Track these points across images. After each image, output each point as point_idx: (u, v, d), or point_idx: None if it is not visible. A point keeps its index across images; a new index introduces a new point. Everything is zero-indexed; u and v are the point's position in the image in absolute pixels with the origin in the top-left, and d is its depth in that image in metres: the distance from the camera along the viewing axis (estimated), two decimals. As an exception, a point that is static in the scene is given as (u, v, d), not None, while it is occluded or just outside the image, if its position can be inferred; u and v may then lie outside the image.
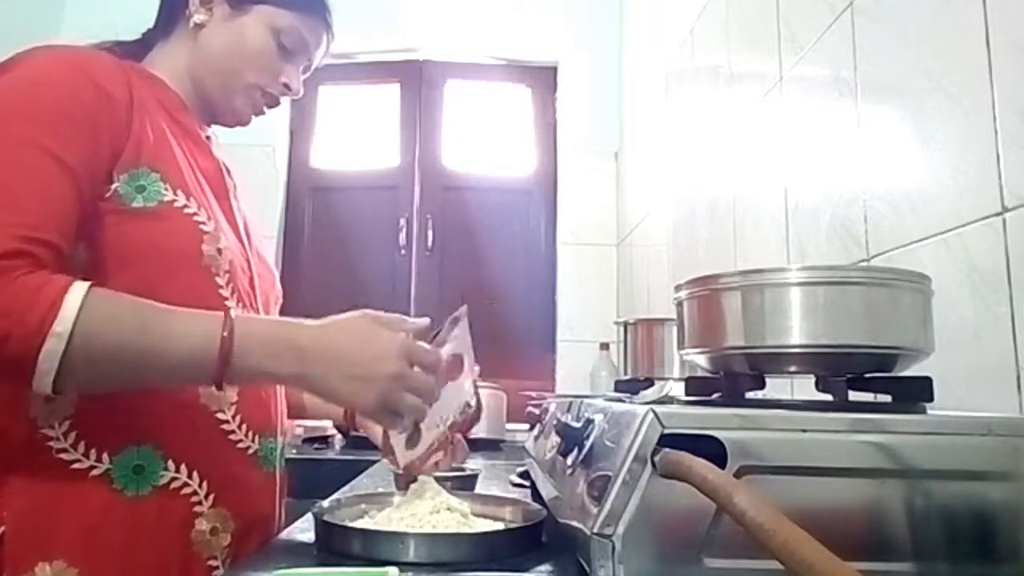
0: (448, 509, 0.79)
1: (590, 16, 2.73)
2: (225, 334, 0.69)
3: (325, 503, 0.84)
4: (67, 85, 0.74)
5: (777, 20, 1.28)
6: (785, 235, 1.22)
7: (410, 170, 2.76)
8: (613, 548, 0.49)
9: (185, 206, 0.79)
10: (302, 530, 0.82)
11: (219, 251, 0.81)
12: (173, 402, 0.78)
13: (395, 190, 2.75)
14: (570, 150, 2.69)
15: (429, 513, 0.78)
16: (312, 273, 2.65)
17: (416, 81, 2.81)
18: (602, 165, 2.65)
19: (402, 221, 2.70)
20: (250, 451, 0.85)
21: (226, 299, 0.82)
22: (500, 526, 0.80)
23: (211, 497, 0.79)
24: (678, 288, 0.72)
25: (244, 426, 0.84)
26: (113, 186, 0.75)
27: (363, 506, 0.86)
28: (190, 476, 0.78)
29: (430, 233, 2.70)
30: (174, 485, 0.77)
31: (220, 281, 0.81)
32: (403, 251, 2.69)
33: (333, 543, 0.73)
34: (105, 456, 0.74)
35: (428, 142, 2.78)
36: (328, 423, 2.13)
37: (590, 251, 2.60)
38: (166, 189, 0.78)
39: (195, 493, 0.78)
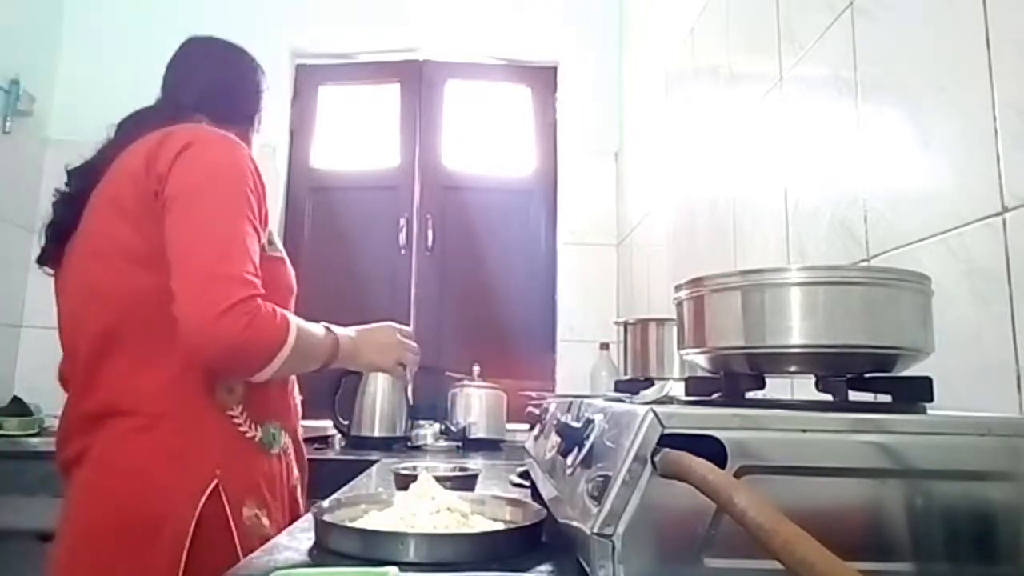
0: (448, 509, 0.79)
1: (590, 16, 2.73)
2: (331, 341, 1.15)
3: (325, 503, 0.84)
4: (250, 174, 1.06)
5: (777, 20, 1.28)
6: (785, 235, 1.22)
7: (410, 170, 2.76)
8: (613, 548, 0.49)
9: (284, 258, 1.18)
10: (302, 530, 0.82)
11: (295, 283, 1.19)
12: (283, 398, 1.17)
13: (395, 190, 2.75)
14: (570, 150, 2.69)
15: (429, 513, 0.78)
16: (312, 273, 2.64)
17: (416, 81, 2.81)
18: (602, 165, 2.65)
19: (402, 221, 2.70)
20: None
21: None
22: (500, 526, 0.80)
23: (293, 461, 1.18)
24: (678, 288, 0.72)
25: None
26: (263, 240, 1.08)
27: (363, 506, 0.86)
28: (288, 442, 1.15)
29: (430, 233, 2.70)
30: (286, 449, 1.14)
31: (291, 301, 1.16)
32: (403, 251, 2.69)
33: (333, 543, 0.73)
34: (255, 427, 1.08)
35: (428, 142, 2.78)
36: (328, 423, 2.14)
37: (590, 251, 2.60)
38: (279, 246, 1.17)
39: (291, 455, 1.16)
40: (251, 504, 1.02)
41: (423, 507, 0.79)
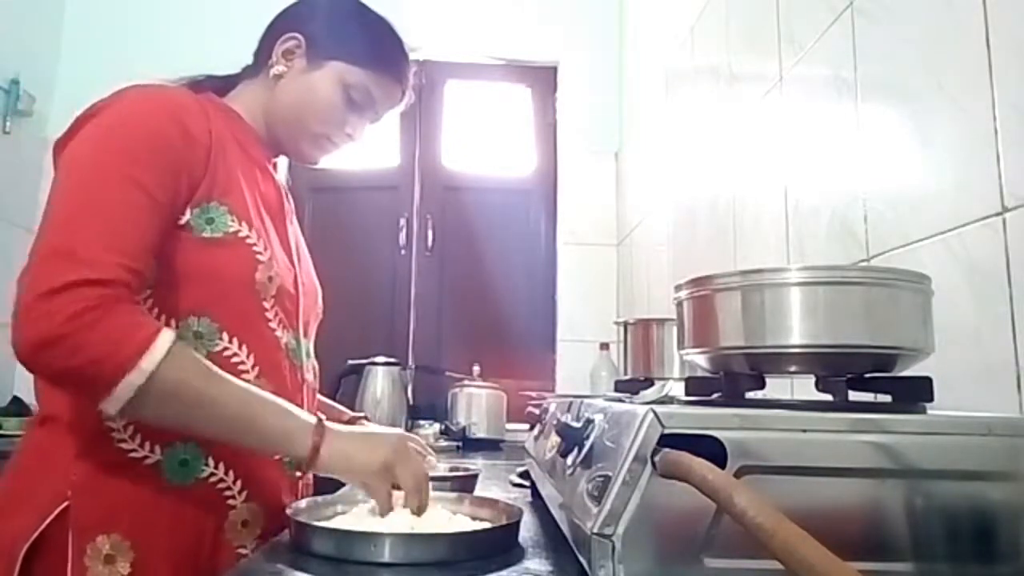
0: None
1: (590, 16, 2.73)
2: (314, 441, 0.80)
3: (302, 503, 0.83)
4: (158, 127, 0.83)
5: (777, 20, 1.28)
6: (785, 235, 1.22)
7: (410, 170, 2.76)
8: (613, 548, 0.49)
9: (247, 236, 0.89)
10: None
11: (270, 279, 0.91)
12: None
13: (395, 190, 2.75)
14: (570, 150, 2.69)
15: (410, 512, 0.78)
16: (312, 273, 2.65)
17: (416, 81, 2.80)
18: (602, 165, 2.65)
19: (402, 221, 2.71)
20: (276, 456, 0.91)
21: (269, 320, 0.92)
22: (480, 525, 0.80)
23: (243, 493, 0.87)
24: (678, 288, 0.72)
25: None
26: (187, 218, 0.85)
27: (339, 507, 0.85)
28: (226, 473, 0.86)
29: (430, 233, 2.70)
30: (212, 480, 0.85)
31: (266, 304, 0.91)
32: (403, 251, 2.69)
33: (307, 543, 0.72)
34: (157, 448, 0.83)
35: (428, 142, 2.78)
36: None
37: (590, 251, 2.60)
38: (232, 221, 0.88)
39: (229, 488, 0.87)
40: (104, 541, 0.78)
41: (403, 507, 0.79)
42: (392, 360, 2.27)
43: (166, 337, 0.74)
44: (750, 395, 0.69)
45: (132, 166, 0.79)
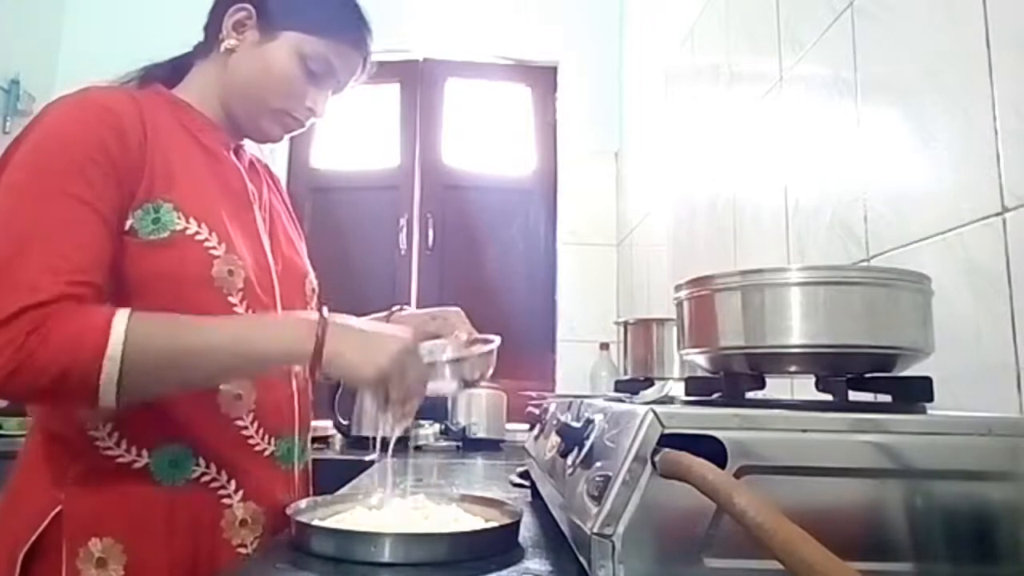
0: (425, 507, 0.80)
1: (590, 16, 2.73)
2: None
3: (303, 503, 0.83)
4: (92, 136, 0.81)
5: (777, 20, 1.28)
6: (785, 235, 1.22)
7: (410, 170, 2.76)
8: (613, 548, 0.49)
9: (196, 233, 0.85)
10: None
11: (230, 272, 0.87)
12: (199, 409, 0.86)
13: (395, 190, 2.75)
14: (570, 150, 2.69)
15: (412, 510, 0.78)
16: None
17: (416, 81, 2.81)
18: (602, 165, 2.65)
19: (402, 221, 2.70)
20: (266, 453, 0.90)
21: (240, 315, 0.88)
22: (479, 524, 0.80)
23: (240, 492, 0.87)
24: (678, 288, 0.72)
25: (261, 430, 0.90)
26: (129, 223, 0.82)
27: (339, 506, 0.85)
28: (218, 473, 0.86)
29: (430, 233, 2.70)
30: (204, 479, 0.85)
31: (233, 300, 0.87)
32: (403, 251, 2.69)
33: (307, 544, 0.72)
34: (144, 452, 0.83)
35: (428, 141, 2.78)
36: (328, 423, 2.14)
37: (590, 251, 2.60)
38: (179, 218, 0.84)
39: (223, 487, 0.86)
40: (96, 544, 0.79)
41: (402, 507, 0.79)
42: (392, 360, 2.26)
43: (119, 321, 0.73)
44: (750, 395, 0.69)
45: (68, 182, 0.78)
